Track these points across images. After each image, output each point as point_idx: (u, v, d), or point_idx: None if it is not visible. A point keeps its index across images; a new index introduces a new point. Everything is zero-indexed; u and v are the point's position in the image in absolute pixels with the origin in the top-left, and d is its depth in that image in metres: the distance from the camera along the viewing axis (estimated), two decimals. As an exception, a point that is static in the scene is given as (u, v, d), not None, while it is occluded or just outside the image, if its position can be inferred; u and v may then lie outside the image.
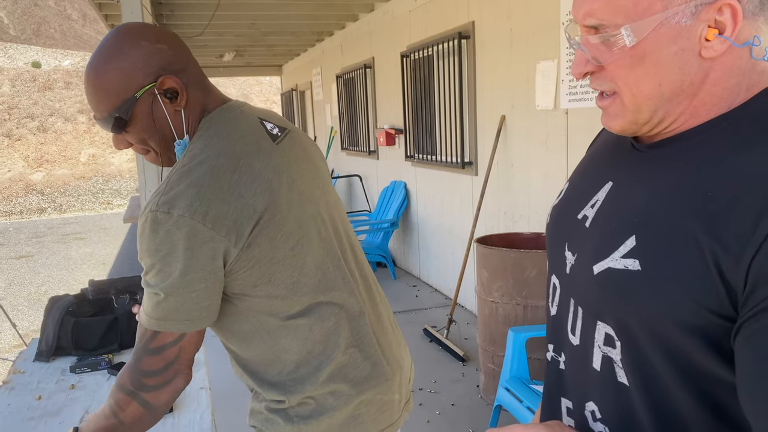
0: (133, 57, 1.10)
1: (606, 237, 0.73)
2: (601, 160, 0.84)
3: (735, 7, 0.64)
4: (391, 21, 6.05)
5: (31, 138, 16.51)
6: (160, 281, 1.05)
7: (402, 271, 6.32)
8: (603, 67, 0.71)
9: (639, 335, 0.68)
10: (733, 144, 0.66)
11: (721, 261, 0.60)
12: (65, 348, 2.13)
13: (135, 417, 1.12)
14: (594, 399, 0.76)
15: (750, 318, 0.59)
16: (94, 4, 5.57)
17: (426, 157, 5.52)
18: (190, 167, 1.08)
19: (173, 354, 1.10)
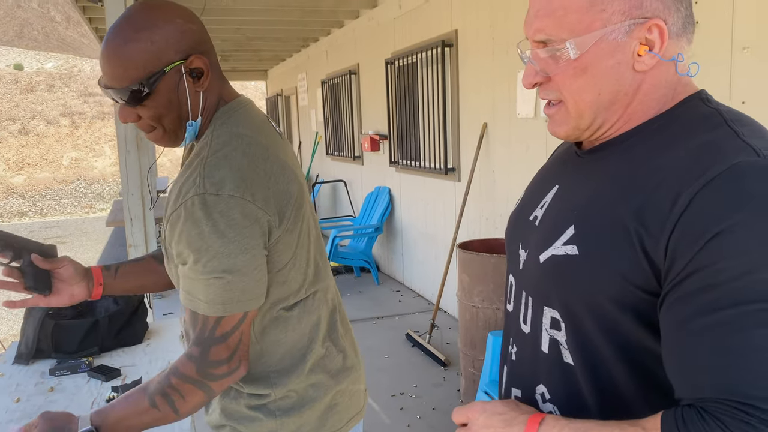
0: (167, 32, 1.09)
1: (550, 230, 0.82)
2: (551, 168, 0.95)
3: (662, 27, 0.74)
4: (376, 28, 6.10)
5: (13, 141, 16.33)
6: (221, 263, 1.04)
7: (386, 277, 6.35)
8: (550, 78, 0.79)
9: (580, 315, 0.76)
10: (659, 143, 0.75)
11: (645, 241, 0.69)
12: (45, 350, 2.13)
13: (194, 406, 1.12)
14: (543, 381, 0.84)
15: (670, 290, 0.68)
16: (78, 7, 5.55)
17: (410, 163, 5.57)
18: (226, 153, 1.09)
19: (237, 339, 1.10)
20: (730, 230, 0.64)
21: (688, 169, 0.69)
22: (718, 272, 0.64)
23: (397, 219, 6.03)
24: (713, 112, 0.76)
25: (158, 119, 1.14)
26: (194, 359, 1.09)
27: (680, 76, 0.79)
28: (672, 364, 0.69)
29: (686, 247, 0.66)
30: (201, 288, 1.06)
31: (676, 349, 0.68)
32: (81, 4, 5.44)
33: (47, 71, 20.55)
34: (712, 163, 0.68)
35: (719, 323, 0.64)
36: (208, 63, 1.14)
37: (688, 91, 0.79)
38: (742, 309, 0.63)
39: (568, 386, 0.80)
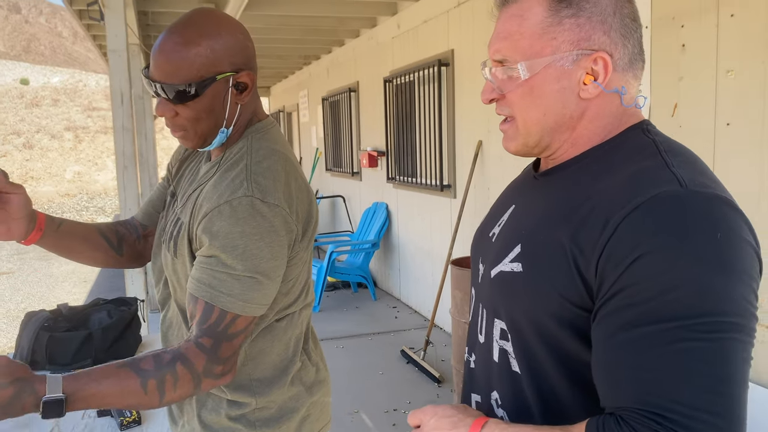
0: (228, 43, 1.16)
1: (501, 247, 0.89)
2: (511, 190, 1.03)
3: (607, 61, 0.81)
4: (375, 47, 6.18)
5: (17, 154, 16.45)
6: (254, 264, 1.08)
7: (382, 292, 6.37)
8: (504, 96, 0.87)
9: (524, 328, 0.82)
10: (599, 169, 0.82)
11: (579, 262, 0.76)
12: (39, 362, 2.16)
13: (177, 398, 1.08)
14: (496, 388, 0.90)
15: (599, 308, 0.74)
16: (82, 24, 5.65)
17: (407, 180, 5.62)
18: (269, 165, 1.17)
19: (239, 342, 1.11)
20: (648, 255, 0.69)
21: (618, 196, 0.75)
22: (638, 292, 0.70)
23: (395, 235, 6.07)
24: (649, 142, 0.81)
25: (195, 121, 1.18)
26: (206, 351, 1.07)
27: (626, 108, 0.84)
28: (597, 375, 0.75)
29: (612, 269, 0.72)
30: (228, 283, 1.09)
31: (601, 361, 0.74)
32: (85, 22, 5.54)
33: (53, 86, 20.75)
34: (638, 192, 0.73)
35: (637, 339, 0.70)
36: (254, 80, 1.22)
37: (632, 121, 0.85)
38: (657, 327, 0.69)
39: (515, 393, 0.85)
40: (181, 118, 1.19)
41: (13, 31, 59.16)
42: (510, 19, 0.84)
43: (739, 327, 0.69)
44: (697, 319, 0.68)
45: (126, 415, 1.75)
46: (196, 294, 1.11)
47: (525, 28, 0.82)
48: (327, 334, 5.04)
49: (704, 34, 2.50)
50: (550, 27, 0.81)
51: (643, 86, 2.82)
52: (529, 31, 0.82)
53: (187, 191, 1.30)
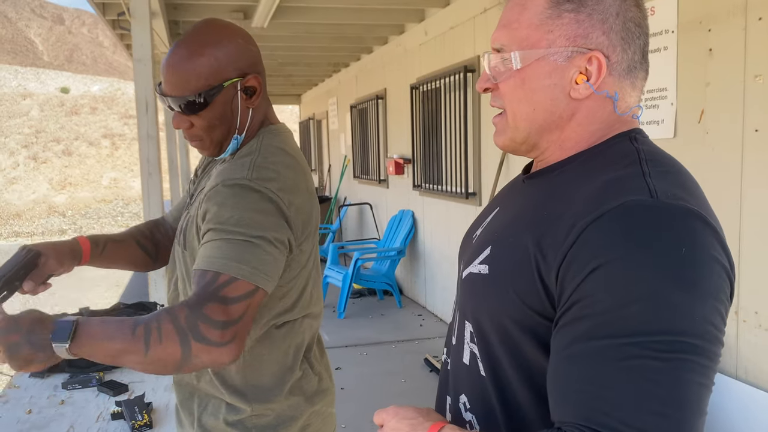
0: (230, 49, 1.19)
1: (475, 249, 0.87)
2: (501, 192, 1.00)
3: (601, 62, 0.77)
4: (403, 54, 6.19)
5: (56, 161, 16.94)
6: (248, 229, 1.07)
7: (408, 300, 6.34)
8: (497, 86, 0.84)
9: (488, 331, 0.80)
10: (577, 176, 0.79)
11: (542, 268, 0.72)
12: (59, 365, 2.20)
13: (165, 357, 1.00)
14: (465, 391, 0.87)
15: (559, 317, 0.71)
16: (117, 34, 5.79)
17: (432, 187, 5.59)
18: (275, 161, 1.18)
19: (239, 311, 1.03)
20: (607, 265, 0.66)
21: (586, 202, 0.71)
22: (593, 304, 0.66)
23: (420, 242, 6.04)
24: (633, 150, 0.77)
25: (209, 129, 1.22)
26: (188, 306, 1.02)
27: (619, 116, 0.80)
28: (549, 386, 0.72)
29: (571, 277, 0.68)
30: (221, 247, 1.06)
31: (552, 372, 0.71)
32: (118, 32, 5.67)
33: (92, 94, 21.32)
34: (606, 200, 0.70)
35: (588, 352, 0.66)
36: (262, 83, 1.24)
37: (622, 128, 0.81)
38: (610, 341, 0.65)
39: (482, 397, 0.83)
40: (196, 128, 1.22)
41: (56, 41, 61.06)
42: (513, 8, 0.82)
43: (698, 349, 0.64)
44: (651, 337, 0.64)
45: (138, 418, 1.77)
46: (196, 267, 1.08)
47: (524, 18, 0.80)
48: (351, 341, 5.04)
49: (732, 38, 2.43)
50: (548, 19, 0.78)
51: (669, 92, 2.75)
52: (527, 20, 0.80)
53: (198, 189, 1.34)
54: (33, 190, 15.99)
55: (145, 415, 1.79)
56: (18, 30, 57.36)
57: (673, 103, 2.74)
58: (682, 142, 2.71)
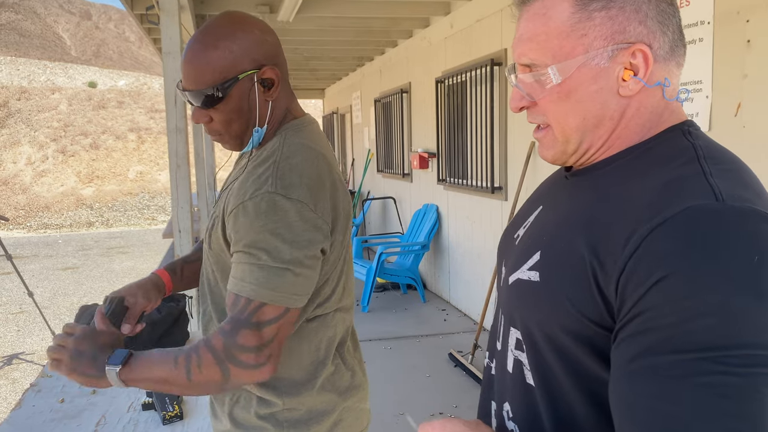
0: (245, 42, 1.17)
1: (522, 252, 0.82)
2: (542, 189, 0.94)
3: (646, 52, 0.73)
4: (428, 47, 6.15)
5: (84, 154, 17.20)
6: (277, 255, 1.08)
7: (432, 294, 6.32)
8: (536, 103, 0.79)
9: (539, 340, 0.76)
10: (629, 174, 0.74)
11: (599, 277, 0.68)
12: (91, 355, 2.23)
13: (207, 382, 1.09)
14: (509, 399, 0.84)
15: (620, 329, 0.66)
16: (144, 28, 5.84)
17: (457, 181, 5.55)
18: (297, 161, 1.16)
19: (271, 333, 1.09)
20: (673, 276, 0.62)
21: (646, 207, 0.67)
22: (660, 317, 0.62)
23: (445, 237, 6.01)
24: (689, 146, 0.73)
25: (228, 123, 1.21)
26: (223, 334, 1.09)
27: (668, 102, 0.77)
28: (612, 402, 0.68)
29: (633, 288, 0.64)
30: (253, 273, 1.09)
31: (616, 387, 0.67)
32: (146, 26, 5.72)
33: (119, 89, 21.60)
34: (668, 204, 0.66)
35: (655, 368, 0.62)
36: (280, 74, 1.22)
37: (673, 120, 0.77)
38: (679, 356, 0.61)
39: (528, 407, 0.79)
40: (215, 122, 1.22)
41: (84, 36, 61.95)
42: (533, 19, 0.76)
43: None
44: (724, 351, 0.60)
45: (168, 409, 1.78)
46: (229, 288, 1.13)
47: (551, 27, 0.74)
48: (375, 335, 5.04)
49: (772, 28, 2.36)
50: (579, 23, 0.73)
51: (704, 84, 2.69)
52: (556, 30, 0.74)
53: (224, 187, 1.33)
54: (61, 183, 16.26)
55: (176, 406, 1.80)
56: (47, 25, 58.32)
57: (709, 96, 2.67)
58: (717, 136, 2.65)
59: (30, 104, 18.80)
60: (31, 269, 8.88)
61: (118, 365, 1.07)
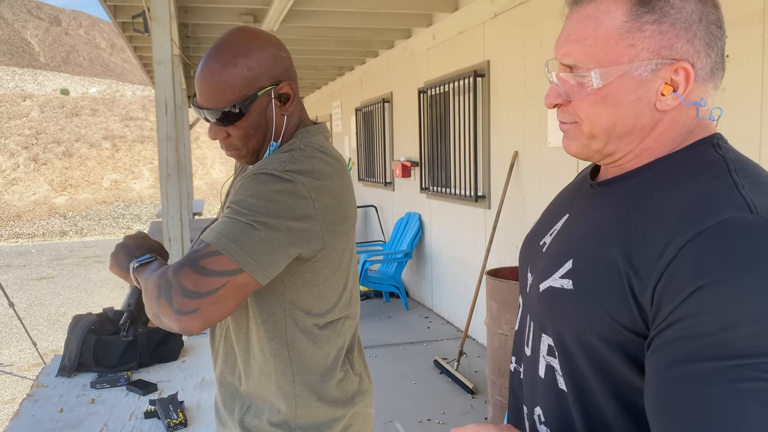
0: (262, 58, 1.18)
1: (552, 260, 0.84)
2: (565, 196, 0.96)
3: (689, 71, 0.75)
4: (410, 58, 6.22)
5: (57, 162, 16.91)
6: (255, 215, 1.09)
7: (414, 302, 6.37)
8: (570, 102, 0.81)
9: (572, 346, 0.78)
10: (661, 185, 0.77)
11: (635, 285, 0.70)
12: (86, 364, 2.22)
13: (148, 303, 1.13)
14: (540, 404, 0.85)
15: (655, 336, 0.69)
16: (125, 36, 5.81)
17: (440, 190, 5.62)
18: (311, 155, 1.18)
19: (210, 286, 1.05)
20: (712, 285, 0.64)
21: (681, 218, 0.70)
22: (698, 325, 0.64)
23: (427, 245, 6.07)
24: (719, 158, 0.75)
25: (246, 138, 1.23)
26: (171, 266, 1.11)
27: (700, 120, 0.79)
28: (648, 409, 0.69)
29: (671, 297, 0.66)
30: (224, 224, 1.10)
31: (652, 394, 0.68)
32: (128, 34, 5.69)
33: (91, 96, 21.29)
34: (703, 216, 0.68)
35: (693, 375, 0.64)
36: (295, 89, 1.24)
37: (703, 134, 0.79)
38: (717, 363, 0.63)
39: (560, 412, 0.81)
40: (233, 138, 1.23)
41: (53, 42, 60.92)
42: (584, 21, 0.78)
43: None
44: (761, 359, 0.62)
45: (173, 417, 1.79)
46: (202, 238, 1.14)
47: (601, 33, 0.76)
48: (360, 343, 5.06)
49: (750, 44, 2.47)
50: (629, 33, 0.75)
51: (686, 97, 2.79)
52: (605, 35, 0.76)
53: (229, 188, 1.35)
54: (33, 192, 15.95)
55: (180, 413, 1.81)
56: (14, 31, 57.22)
57: (722, 108, 2.78)
58: (698, 147, 2.75)
59: (0, 111, 18.44)
60: (4, 279, 8.69)
61: (136, 263, 1.24)
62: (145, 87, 24.27)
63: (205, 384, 2.10)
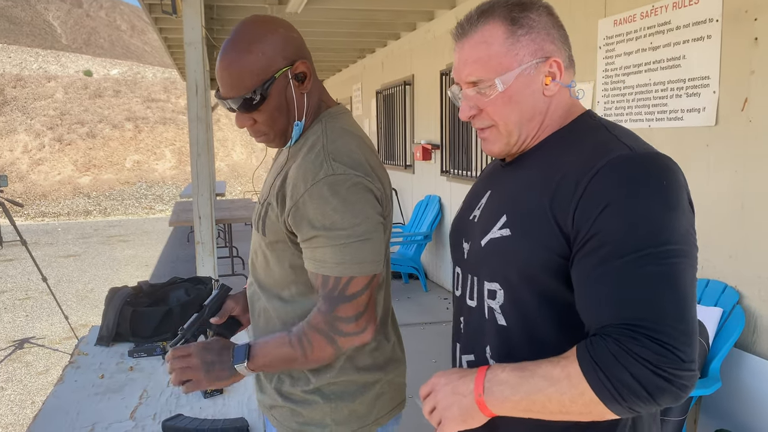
0: (274, 42, 1.23)
1: (487, 221, 1.06)
2: (481, 181, 1.19)
3: (559, 62, 1.02)
4: (432, 40, 6.22)
5: (81, 143, 17.16)
6: (351, 231, 1.17)
7: (433, 284, 6.43)
8: (482, 110, 1.04)
9: (518, 284, 0.99)
10: (562, 149, 1.01)
11: (559, 218, 0.93)
12: (123, 335, 2.31)
13: (322, 356, 1.23)
14: (489, 342, 1.05)
15: (576, 252, 0.91)
16: (151, 17, 5.88)
17: (461, 173, 5.65)
18: (343, 143, 1.24)
19: (365, 300, 1.20)
20: (613, 203, 0.88)
21: (584, 162, 0.93)
22: (608, 234, 0.87)
23: (447, 227, 6.12)
24: (599, 124, 1.02)
25: (271, 122, 1.27)
26: (322, 312, 1.21)
27: (574, 100, 1.06)
28: (581, 306, 0.91)
29: (585, 219, 0.89)
30: (333, 253, 1.18)
31: (582, 294, 0.90)
32: (155, 15, 5.76)
33: (114, 78, 21.50)
34: (599, 158, 0.92)
35: (611, 270, 0.87)
36: (310, 67, 1.28)
37: (578, 111, 1.05)
38: (626, 258, 0.86)
39: (504, 344, 1.02)
40: (259, 123, 1.28)
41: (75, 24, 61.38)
42: (477, 46, 1.00)
43: (686, 253, 0.87)
44: (656, 248, 0.85)
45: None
46: (314, 270, 1.22)
47: (493, 51, 0.99)
48: (380, 323, 5.13)
49: (778, 27, 2.46)
50: (512, 45, 0.99)
51: (712, 80, 2.79)
52: (496, 52, 0.99)
53: (271, 178, 1.38)
54: (58, 172, 16.22)
55: (218, 380, 1.89)
56: (37, 13, 57.75)
57: (716, 91, 2.78)
58: (723, 130, 2.76)
59: (26, 92, 18.71)
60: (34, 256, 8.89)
61: (244, 360, 1.25)
62: (166, 69, 24.43)
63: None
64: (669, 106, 3.07)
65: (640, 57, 3.26)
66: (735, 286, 2.77)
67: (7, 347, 5.05)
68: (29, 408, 3.93)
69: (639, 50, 3.27)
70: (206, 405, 1.82)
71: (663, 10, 3.07)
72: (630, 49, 3.33)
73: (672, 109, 3.06)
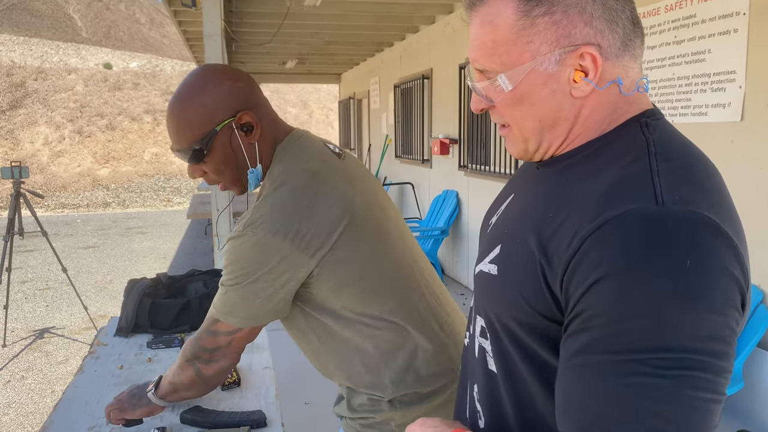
0: (216, 94, 1.21)
1: (488, 243, 0.86)
2: (516, 175, 0.95)
3: (594, 55, 0.72)
4: (451, 34, 6.18)
5: (100, 135, 17.33)
6: (231, 284, 1.21)
7: (450, 279, 6.41)
8: (494, 105, 0.80)
9: (498, 329, 0.79)
10: (585, 171, 0.75)
11: (547, 274, 0.70)
12: (142, 326, 2.33)
13: (189, 382, 1.36)
14: (476, 382, 0.88)
15: (567, 325, 0.69)
16: (170, 10, 5.90)
17: (479, 168, 5.61)
18: (273, 189, 1.20)
19: (225, 341, 1.28)
20: (607, 279, 0.63)
21: (590, 208, 0.69)
22: (594, 317, 0.64)
23: (464, 223, 6.09)
24: (643, 141, 0.73)
25: (219, 173, 1.27)
26: (191, 341, 1.34)
27: (627, 96, 0.76)
28: (556, 395, 0.70)
29: (575, 288, 0.66)
30: (218, 296, 1.26)
31: (558, 381, 0.70)
32: (174, 8, 5.78)
33: (132, 70, 21.66)
34: (609, 206, 0.67)
35: (588, 366, 0.65)
36: (256, 117, 1.24)
37: (633, 111, 0.76)
38: (610, 356, 0.63)
39: (492, 391, 0.83)
40: (209, 174, 1.29)
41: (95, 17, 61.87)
42: (482, 26, 0.77)
43: (702, 364, 0.61)
44: (652, 354, 0.61)
45: (227, 376, 1.88)
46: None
47: (497, 35, 0.75)
48: (396, 317, 5.12)
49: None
50: (523, 30, 0.73)
51: (738, 75, 2.74)
52: (501, 38, 0.75)
53: None
54: (78, 164, 16.41)
55: (234, 373, 1.90)
56: (58, 6, 58.31)
57: (742, 86, 2.73)
58: (749, 126, 2.71)
59: (46, 84, 18.92)
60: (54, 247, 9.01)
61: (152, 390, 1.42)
62: (184, 62, 24.55)
63: (255, 347, 2.19)
64: (693, 102, 3.02)
65: (664, 51, 3.21)
66: (758, 284, 2.72)
67: (27, 336, 5.12)
68: (49, 397, 3.98)
69: (663, 44, 3.21)
70: (224, 397, 1.82)
71: (688, 3, 3.02)
72: (653, 43, 3.28)
73: (696, 105, 3.00)
